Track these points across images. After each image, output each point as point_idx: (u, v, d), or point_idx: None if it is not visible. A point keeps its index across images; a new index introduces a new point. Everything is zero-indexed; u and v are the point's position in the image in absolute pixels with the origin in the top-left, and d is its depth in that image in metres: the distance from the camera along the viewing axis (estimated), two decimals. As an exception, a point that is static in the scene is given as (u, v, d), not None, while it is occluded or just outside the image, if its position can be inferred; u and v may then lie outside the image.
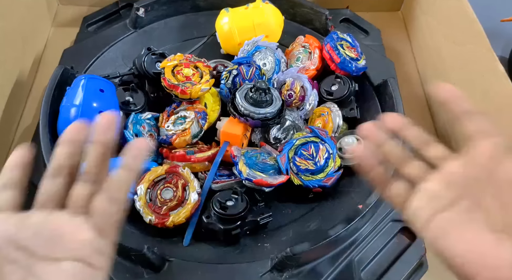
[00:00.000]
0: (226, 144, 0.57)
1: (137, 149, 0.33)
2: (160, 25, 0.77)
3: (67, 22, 0.84)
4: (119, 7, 0.80)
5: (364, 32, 0.79)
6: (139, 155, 0.33)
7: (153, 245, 0.49)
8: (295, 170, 0.56)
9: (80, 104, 0.54)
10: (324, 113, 0.62)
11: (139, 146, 0.33)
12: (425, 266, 0.54)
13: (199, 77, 0.61)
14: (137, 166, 0.33)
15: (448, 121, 0.69)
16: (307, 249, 0.49)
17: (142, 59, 0.63)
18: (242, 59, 0.63)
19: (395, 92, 0.62)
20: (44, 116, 0.56)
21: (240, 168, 0.54)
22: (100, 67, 0.69)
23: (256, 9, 0.68)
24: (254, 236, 0.54)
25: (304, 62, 0.68)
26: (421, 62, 0.81)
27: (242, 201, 0.52)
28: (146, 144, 0.33)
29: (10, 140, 0.68)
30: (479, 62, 0.63)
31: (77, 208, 0.31)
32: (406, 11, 0.89)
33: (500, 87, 0.58)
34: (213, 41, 0.72)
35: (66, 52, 0.71)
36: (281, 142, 0.61)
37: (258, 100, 0.57)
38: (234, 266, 0.50)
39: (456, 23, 0.70)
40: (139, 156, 0.33)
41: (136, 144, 0.33)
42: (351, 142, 0.59)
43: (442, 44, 0.73)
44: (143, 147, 0.33)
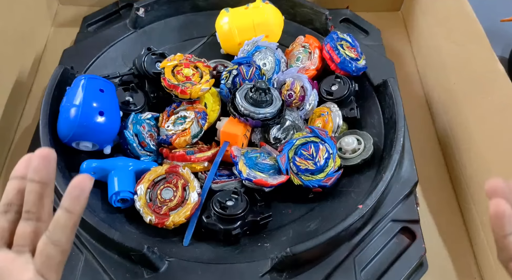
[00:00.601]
0: (226, 144, 0.57)
1: (77, 188, 0.30)
2: (160, 25, 0.77)
3: (67, 22, 0.84)
4: (119, 7, 0.80)
5: (364, 32, 0.79)
6: (80, 195, 0.30)
7: (153, 245, 0.49)
8: (295, 170, 0.56)
9: (80, 104, 0.54)
10: (324, 113, 0.62)
11: (80, 185, 0.30)
12: (425, 266, 0.54)
13: (199, 77, 0.61)
14: (78, 208, 0.31)
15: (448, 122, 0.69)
16: (307, 249, 0.49)
17: (142, 59, 0.63)
18: (242, 59, 0.63)
19: (395, 92, 0.62)
20: (44, 116, 0.56)
21: (240, 168, 0.54)
22: (100, 67, 0.69)
23: (256, 9, 0.68)
24: (254, 236, 0.54)
25: (304, 62, 0.68)
26: (421, 62, 0.81)
27: (242, 201, 0.52)
28: (89, 181, 0.31)
29: (10, 140, 0.68)
30: (479, 62, 0.63)
31: (22, 246, 0.31)
32: (406, 11, 0.89)
33: (500, 87, 0.58)
34: (213, 41, 0.72)
35: (66, 52, 0.71)
36: (281, 141, 0.61)
37: (258, 100, 0.57)
38: (234, 266, 0.50)
39: (456, 23, 0.70)
40: (80, 197, 0.30)
41: (77, 182, 0.30)
42: (351, 142, 0.59)
43: (442, 44, 0.73)
44: (85, 185, 0.30)
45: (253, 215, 0.53)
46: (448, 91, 0.69)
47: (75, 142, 0.55)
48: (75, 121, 0.53)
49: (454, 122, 0.67)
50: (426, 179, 0.65)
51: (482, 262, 0.58)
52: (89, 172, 0.55)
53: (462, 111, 0.65)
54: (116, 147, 0.59)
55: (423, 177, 0.61)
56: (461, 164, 0.64)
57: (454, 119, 0.67)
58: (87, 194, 0.31)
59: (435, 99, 0.74)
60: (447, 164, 0.69)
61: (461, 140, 0.65)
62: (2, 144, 0.66)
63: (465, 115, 0.64)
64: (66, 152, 0.57)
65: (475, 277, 0.57)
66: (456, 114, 0.67)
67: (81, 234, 0.51)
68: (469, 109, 0.64)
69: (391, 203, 0.55)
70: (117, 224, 0.53)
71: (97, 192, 0.56)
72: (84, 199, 0.31)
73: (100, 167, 0.55)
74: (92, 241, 0.50)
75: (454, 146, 0.67)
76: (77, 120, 0.53)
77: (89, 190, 0.31)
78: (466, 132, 0.64)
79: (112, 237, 0.48)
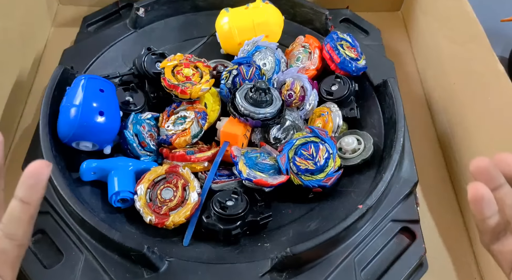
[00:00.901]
0: (226, 144, 0.57)
1: (33, 176, 0.27)
2: (160, 25, 0.77)
3: (67, 22, 0.84)
4: (119, 7, 0.80)
5: (364, 32, 0.79)
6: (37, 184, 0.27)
7: (153, 245, 0.49)
8: (295, 170, 0.56)
9: (80, 104, 0.54)
10: (324, 113, 0.62)
11: (36, 173, 0.27)
12: (425, 266, 0.54)
13: (199, 77, 0.61)
14: (35, 198, 0.28)
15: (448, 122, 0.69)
16: (307, 249, 0.49)
17: (142, 59, 0.63)
18: (242, 59, 0.63)
19: (395, 92, 0.62)
20: (44, 116, 0.56)
21: (240, 168, 0.54)
22: (100, 67, 0.69)
23: (256, 9, 0.68)
24: (254, 236, 0.54)
25: (304, 62, 0.68)
26: (421, 62, 0.81)
27: (242, 201, 0.52)
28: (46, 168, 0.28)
29: (10, 140, 0.68)
30: (479, 62, 0.63)
31: None
32: (406, 11, 0.89)
33: (500, 87, 0.58)
34: (213, 41, 0.72)
35: (66, 52, 0.71)
36: (281, 141, 0.61)
37: (258, 100, 0.57)
38: (234, 266, 0.50)
39: (456, 23, 0.70)
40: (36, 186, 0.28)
41: (33, 170, 0.27)
42: (351, 142, 0.59)
43: (442, 44, 0.73)
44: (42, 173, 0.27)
45: (253, 215, 0.53)
46: (448, 91, 0.69)
47: (75, 142, 0.55)
48: (75, 122, 0.53)
49: (454, 122, 0.67)
50: (426, 179, 0.65)
51: (482, 262, 0.58)
52: (89, 172, 0.55)
53: (462, 111, 0.65)
54: (116, 147, 0.59)
55: (423, 177, 0.61)
56: (461, 164, 0.64)
57: (454, 119, 0.67)
58: (44, 183, 0.28)
59: (435, 99, 0.74)
60: (447, 164, 0.69)
61: (461, 140, 0.65)
62: (2, 144, 0.66)
63: (465, 115, 0.64)
64: (66, 152, 0.57)
65: (475, 277, 0.57)
66: (456, 114, 0.67)
67: (81, 234, 0.51)
68: (469, 109, 0.64)
69: (391, 203, 0.55)
70: (117, 224, 0.53)
71: (97, 192, 0.56)
72: (42, 188, 0.28)
73: (100, 167, 0.55)
74: (92, 241, 0.50)
75: (454, 146, 0.67)
76: (77, 120, 0.53)
77: (46, 178, 0.28)
78: (466, 132, 0.64)
79: (112, 237, 0.48)
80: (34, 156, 0.57)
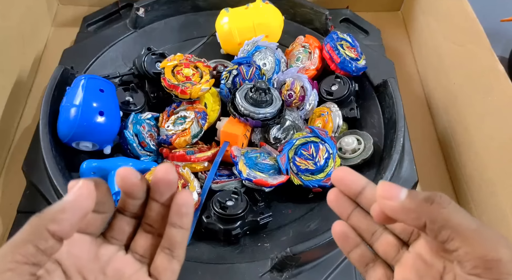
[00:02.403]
0: (226, 144, 0.57)
1: (185, 206, 0.30)
2: (160, 25, 0.77)
3: (67, 22, 0.84)
4: (119, 7, 0.80)
5: (364, 32, 0.79)
6: (190, 212, 0.31)
7: (153, 245, 0.49)
8: (295, 170, 0.56)
9: (80, 104, 0.54)
10: (324, 113, 0.62)
11: (186, 202, 0.30)
12: (425, 266, 0.54)
13: (199, 77, 0.61)
14: (190, 222, 0.31)
15: (448, 122, 0.69)
16: (307, 249, 0.49)
17: (142, 59, 0.63)
18: (242, 59, 0.63)
19: (395, 92, 0.62)
20: (44, 116, 0.56)
21: (240, 168, 0.54)
22: (100, 67, 0.69)
23: (256, 9, 0.68)
24: (254, 236, 0.54)
25: (304, 62, 0.68)
26: (421, 62, 0.81)
27: (242, 201, 0.52)
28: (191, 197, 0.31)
29: (10, 140, 0.68)
30: (479, 62, 0.63)
31: (142, 257, 0.32)
32: (406, 11, 0.89)
33: (500, 87, 0.58)
34: (213, 41, 0.72)
35: (66, 52, 0.71)
36: (281, 141, 0.61)
37: (258, 100, 0.57)
38: (234, 266, 0.50)
39: (456, 23, 0.70)
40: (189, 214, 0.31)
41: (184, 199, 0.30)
42: (351, 142, 0.59)
43: (442, 44, 0.73)
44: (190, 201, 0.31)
45: (253, 215, 0.53)
46: (448, 91, 0.69)
47: (75, 142, 0.55)
48: (75, 121, 0.53)
49: (454, 122, 0.67)
50: (426, 179, 0.65)
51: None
52: (89, 172, 0.55)
53: (462, 111, 0.65)
54: (116, 147, 0.59)
55: (423, 177, 0.61)
56: (461, 164, 0.64)
57: (454, 119, 0.67)
58: (193, 208, 0.31)
59: (435, 99, 0.74)
60: (447, 164, 0.69)
61: (461, 139, 0.65)
62: (2, 144, 0.66)
63: (465, 115, 0.64)
64: (66, 152, 0.57)
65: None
66: (456, 114, 0.67)
67: (81, 234, 0.51)
68: (469, 109, 0.64)
69: (391, 203, 0.55)
70: (117, 224, 0.53)
71: (97, 192, 0.56)
72: (192, 213, 0.31)
73: (100, 167, 0.55)
74: (92, 241, 0.50)
75: (454, 146, 0.67)
76: (77, 120, 0.53)
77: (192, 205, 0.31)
78: (466, 132, 0.64)
79: (112, 237, 0.48)
80: (34, 156, 0.57)
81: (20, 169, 0.58)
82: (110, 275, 0.30)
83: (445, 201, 0.26)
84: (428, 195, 0.26)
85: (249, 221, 0.52)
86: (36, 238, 0.25)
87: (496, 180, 0.56)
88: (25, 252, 0.25)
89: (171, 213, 0.31)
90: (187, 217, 0.31)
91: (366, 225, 0.33)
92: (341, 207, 0.33)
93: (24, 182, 0.58)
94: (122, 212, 0.32)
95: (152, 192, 0.31)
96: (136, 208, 0.31)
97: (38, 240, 0.25)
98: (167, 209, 0.31)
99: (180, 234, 0.31)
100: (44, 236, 0.25)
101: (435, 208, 0.26)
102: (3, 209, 0.60)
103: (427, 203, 0.26)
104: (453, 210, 0.26)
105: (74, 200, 0.27)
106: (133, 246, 0.32)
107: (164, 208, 0.31)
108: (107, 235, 0.32)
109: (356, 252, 0.33)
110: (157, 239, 0.32)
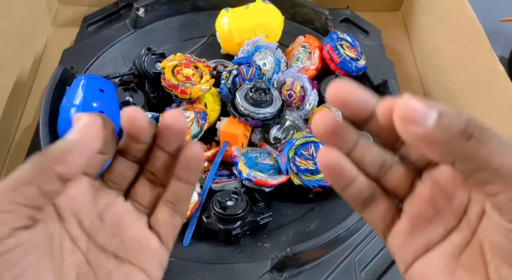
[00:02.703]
0: (226, 144, 0.57)
1: (196, 160, 0.27)
2: (160, 25, 0.77)
3: (67, 22, 0.84)
4: (119, 7, 0.80)
5: (364, 32, 0.79)
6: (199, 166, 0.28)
7: (153, 245, 0.49)
8: (295, 170, 0.56)
9: (80, 104, 0.54)
10: (324, 113, 0.61)
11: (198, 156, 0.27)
12: (425, 266, 0.54)
13: (199, 77, 0.61)
14: (198, 178, 0.29)
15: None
16: (307, 249, 0.49)
17: (142, 59, 0.63)
18: (242, 59, 0.63)
19: (395, 92, 0.62)
20: (44, 116, 0.56)
21: (240, 168, 0.54)
22: (100, 67, 0.69)
23: (256, 9, 0.68)
24: (254, 236, 0.54)
25: (304, 62, 0.68)
26: (421, 62, 0.81)
27: (242, 201, 0.52)
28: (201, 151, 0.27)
29: (10, 140, 0.68)
30: (479, 62, 0.63)
31: (141, 206, 0.29)
32: (406, 11, 0.89)
33: (500, 87, 0.58)
34: (213, 41, 0.72)
35: (66, 52, 0.71)
36: (281, 141, 0.61)
37: (258, 100, 0.57)
38: (234, 266, 0.50)
39: (456, 23, 0.70)
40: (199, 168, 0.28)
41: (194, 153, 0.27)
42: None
43: (442, 44, 0.73)
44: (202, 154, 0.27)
45: (253, 215, 0.53)
46: (448, 91, 0.69)
47: (75, 142, 0.55)
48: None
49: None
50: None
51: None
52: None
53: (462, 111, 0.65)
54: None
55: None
56: (461, 164, 0.64)
57: (454, 119, 0.67)
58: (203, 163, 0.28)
59: (435, 99, 0.74)
60: (447, 164, 0.69)
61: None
62: (2, 144, 0.66)
63: (465, 115, 0.64)
64: (66, 152, 0.57)
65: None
66: (456, 114, 0.67)
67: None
68: (469, 109, 0.64)
69: (391, 203, 0.55)
70: (117, 224, 0.53)
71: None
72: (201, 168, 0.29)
73: (100, 167, 0.55)
74: (92, 241, 0.50)
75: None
76: (77, 120, 0.53)
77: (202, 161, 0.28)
78: (466, 132, 0.63)
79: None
80: (34, 156, 0.57)
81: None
82: (108, 221, 0.27)
83: (486, 136, 0.20)
84: (464, 126, 0.20)
85: (249, 221, 0.52)
86: (40, 179, 0.22)
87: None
88: (27, 193, 0.22)
89: (179, 165, 0.27)
90: (195, 172, 0.28)
91: (372, 157, 0.25)
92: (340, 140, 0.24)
93: (24, 182, 0.58)
94: (123, 155, 0.29)
95: (159, 138, 0.27)
96: (139, 152, 0.28)
97: (43, 182, 0.23)
98: (173, 159, 0.28)
99: (187, 189, 0.28)
100: (49, 177, 0.23)
101: (472, 144, 0.20)
102: (3, 209, 0.60)
103: (462, 137, 0.20)
104: (496, 147, 0.20)
105: (81, 139, 0.24)
106: (133, 194, 0.29)
107: (170, 157, 0.28)
108: (106, 178, 0.29)
109: (353, 188, 0.25)
110: (159, 189, 0.29)
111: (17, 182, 0.22)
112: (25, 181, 0.22)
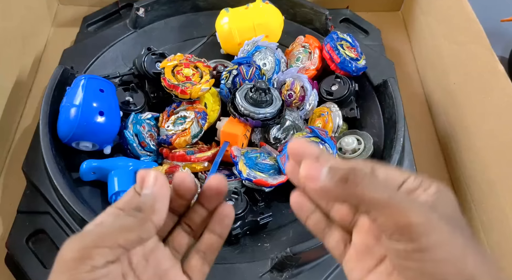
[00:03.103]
0: (226, 144, 0.57)
1: (227, 217, 0.33)
2: (160, 25, 0.77)
3: (67, 22, 0.84)
4: (119, 7, 0.80)
5: (364, 32, 0.79)
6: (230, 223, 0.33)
7: (153, 245, 0.49)
8: (295, 170, 0.56)
9: (80, 104, 0.54)
10: (324, 113, 0.62)
11: (229, 214, 0.33)
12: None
13: (199, 77, 0.61)
14: (226, 233, 0.33)
15: (448, 122, 0.69)
16: (307, 249, 0.49)
17: (142, 59, 0.63)
18: (242, 59, 0.63)
19: (395, 92, 0.62)
20: (44, 116, 0.56)
21: (240, 168, 0.54)
22: (100, 67, 0.69)
23: (256, 9, 0.68)
24: (254, 236, 0.54)
25: (304, 62, 0.68)
26: (421, 62, 0.81)
27: (242, 201, 0.52)
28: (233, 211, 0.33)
29: (10, 140, 0.68)
30: (479, 62, 0.63)
31: (177, 253, 0.33)
32: (406, 11, 0.89)
33: (500, 87, 0.58)
34: (213, 41, 0.72)
35: (66, 52, 0.71)
36: (281, 142, 0.61)
37: (258, 100, 0.57)
38: (234, 266, 0.50)
39: (456, 23, 0.70)
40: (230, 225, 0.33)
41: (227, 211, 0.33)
42: (351, 142, 0.59)
43: (442, 44, 0.73)
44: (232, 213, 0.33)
45: (253, 215, 0.53)
46: (448, 91, 0.69)
47: (75, 142, 0.55)
48: (75, 121, 0.53)
49: (454, 122, 0.67)
50: (426, 179, 0.65)
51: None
52: (89, 172, 0.55)
53: (462, 111, 0.65)
54: (116, 147, 0.59)
55: (423, 177, 0.61)
56: (461, 164, 0.64)
57: (454, 119, 0.67)
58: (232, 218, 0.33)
59: (435, 99, 0.74)
60: (447, 164, 0.69)
61: (461, 139, 0.65)
62: (2, 144, 0.66)
63: (465, 115, 0.64)
64: (66, 152, 0.57)
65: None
66: (456, 114, 0.67)
67: (81, 234, 0.51)
68: (469, 109, 0.64)
69: (391, 203, 0.55)
70: (117, 224, 0.53)
71: (97, 192, 0.56)
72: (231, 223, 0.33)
73: (100, 167, 0.55)
74: (92, 241, 0.50)
75: (454, 146, 0.67)
76: (77, 120, 0.53)
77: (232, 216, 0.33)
78: (466, 132, 0.64)
79: (112, 237, 0.48)
80: (34, 156, 0.57)
81: (20, 169, 0.58)
82: (152, 264, 0.31)
83: (358, 177, 0.25)
84: (343, 173, 0.25)
85: (249, 221, 0.52)
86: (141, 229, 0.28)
87: (496, 180, 0.56)
88: (130, 238, 0.27)
89: (214, 220, 0.33)
90: (227, 228, 0.33)
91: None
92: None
93: (24, 182, 0.58)
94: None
95: (201, 197, 0.32)
96: (181, 207, 0.33)
97: (142, 231, 0.28)
98: (209, 215, 0.33)
99: (218, 241, 0.33)
100: (148, 227, 0.28)
101: (350, 186, 0.25)
102: (3, 209, 0.60)
103: (342, 182, 0.25)
104: (367, 184, 0.25)
105: (160, 189, 0.29)
106: (170, 241, 0.33)
107: (207, 213, 0.33)
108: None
109: (311, 219, 0.32)
110: (192, 240, 0.33)
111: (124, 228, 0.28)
112: (130, 228, 0.28)
